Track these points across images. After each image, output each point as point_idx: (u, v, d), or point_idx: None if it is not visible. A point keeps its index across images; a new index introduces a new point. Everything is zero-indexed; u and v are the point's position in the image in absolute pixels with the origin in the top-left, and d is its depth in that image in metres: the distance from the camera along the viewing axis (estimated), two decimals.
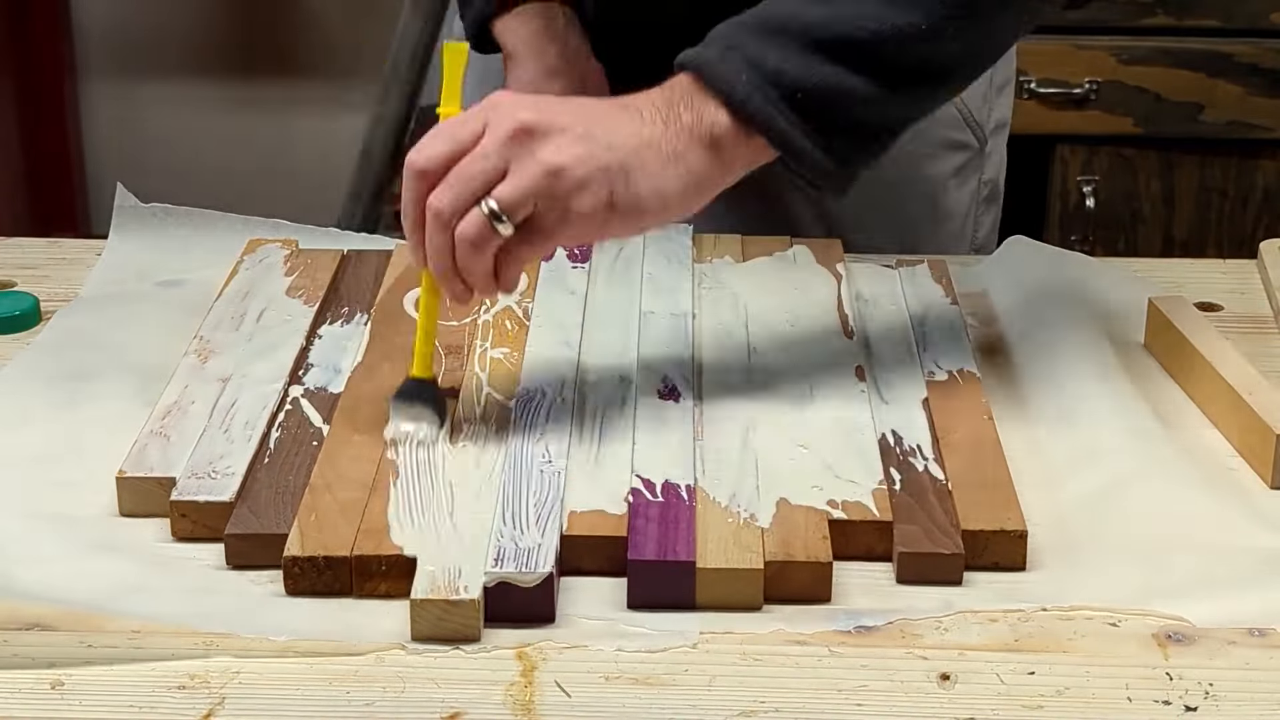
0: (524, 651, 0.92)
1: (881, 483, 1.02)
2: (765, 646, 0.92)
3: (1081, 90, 2.52)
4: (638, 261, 1.28)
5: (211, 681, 0.90)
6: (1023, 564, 0.98)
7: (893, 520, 0.99)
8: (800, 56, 1.03)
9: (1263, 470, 1.07)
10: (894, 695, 0.89)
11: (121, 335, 1.21)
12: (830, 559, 0.96)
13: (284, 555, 0.96)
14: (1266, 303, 1.28)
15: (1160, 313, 1.19)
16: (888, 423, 1.09)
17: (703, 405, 1.10)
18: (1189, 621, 0.94)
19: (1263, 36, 2.52)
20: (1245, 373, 1.11)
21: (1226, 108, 2.53)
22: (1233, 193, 2.59)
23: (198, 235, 1.33)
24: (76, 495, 1.05)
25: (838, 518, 0.99)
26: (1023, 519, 0.99)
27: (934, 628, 0.94)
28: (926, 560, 0.97)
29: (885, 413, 1.10)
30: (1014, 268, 1.30)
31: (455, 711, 0.88)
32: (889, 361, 1.16)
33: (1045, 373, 1.16)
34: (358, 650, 0.92)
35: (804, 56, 1.03)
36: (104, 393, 1.14)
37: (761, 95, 1.03)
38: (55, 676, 0.90)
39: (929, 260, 1.29)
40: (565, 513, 0.99)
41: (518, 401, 1.10)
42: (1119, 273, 1.30)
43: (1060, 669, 0.91)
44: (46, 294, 1.28)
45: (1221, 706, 0.88)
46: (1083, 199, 2.58)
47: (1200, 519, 1.02)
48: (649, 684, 0.90)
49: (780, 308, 1.22)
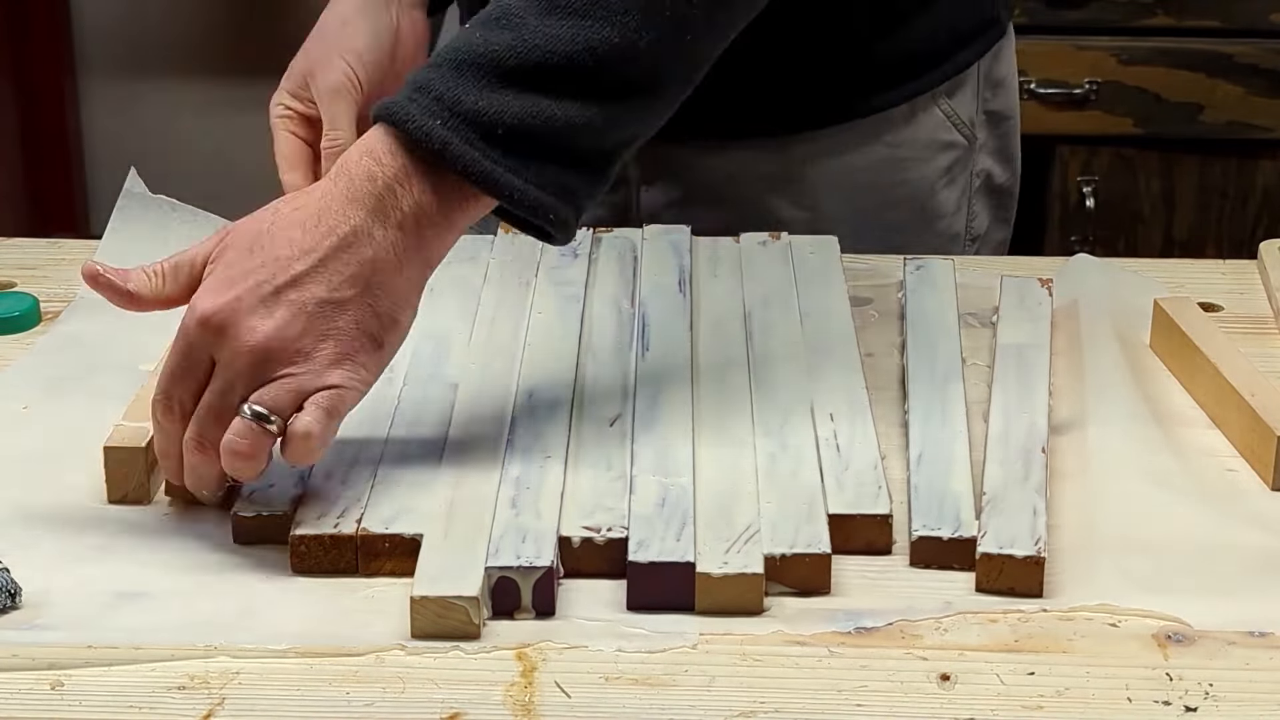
0: (524, 652, 0.92)
1: (882, 487, 1.02)
2: (765, 647, 0.92)
3: (1081, 90, 2.52)
4: (636, 261, 1.28)
5: (211, 681, 0.90)
6: (1039, 590, 0.97)
7: (889, 514, 0.99)
8: (495, 90, 0.98)
9: (1264, 472, 1.07)
10: (894, 695, 0.89)
11: (122, 337, 1.21)
12: (829, 549, 0.96)
13: (290, 534, 0.97)
14: (1266, 303, 1.28)
15: (1165, 314, 1.19)
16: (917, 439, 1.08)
17: (701, 407, 1.10)
18: (1189, 622, 0.94)
19: (1263, 37, 2.52)
20: (1248, 374, 1.11)
21: (1226, 108, 2.53)
22: (1233, 193, 2.59)
23: (198, 235, 1.33)
24: (76, 495, 1.05)
25: (837, 511, 0.99)
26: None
27: (934, 628, 0.94)
28: (940, 546, 0.98)
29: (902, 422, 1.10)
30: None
31: (455, 711, 0.88)
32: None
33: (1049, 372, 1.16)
34: (358, 650, 0.92)
35: (499, 90, 0.98)
36: (104, 394, 1.14)
37: (460, 137, 0.97)
38: (55, 677, 0.90)
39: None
40: (565, 512, 0.99)
41: (518, 396, 1.10)
42: (1128, 273, 1.30)
43: (1060, 669, 0.91)
44: (46, 294, 1.28)
45: (1221, 707, 0.88)
46: (1083, 199, 2.58)
47: (1201, 519, 1.02)
48: (649, 684, 0.90)
49: (788, 305, 1.22)
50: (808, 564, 0.96)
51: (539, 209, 1.00)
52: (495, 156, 0.98)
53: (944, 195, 1.41)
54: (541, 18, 0.98)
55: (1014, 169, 1.47)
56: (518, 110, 0.98)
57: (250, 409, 0.96)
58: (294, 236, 0.98)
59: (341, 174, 0.99)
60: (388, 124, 0.99)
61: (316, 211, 0.98)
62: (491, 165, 0.98)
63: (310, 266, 0.97)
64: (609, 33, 0.98)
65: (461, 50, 0.99)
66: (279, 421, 0.96)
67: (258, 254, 0.98)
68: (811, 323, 1.19)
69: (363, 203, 0.98)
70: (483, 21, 1.00)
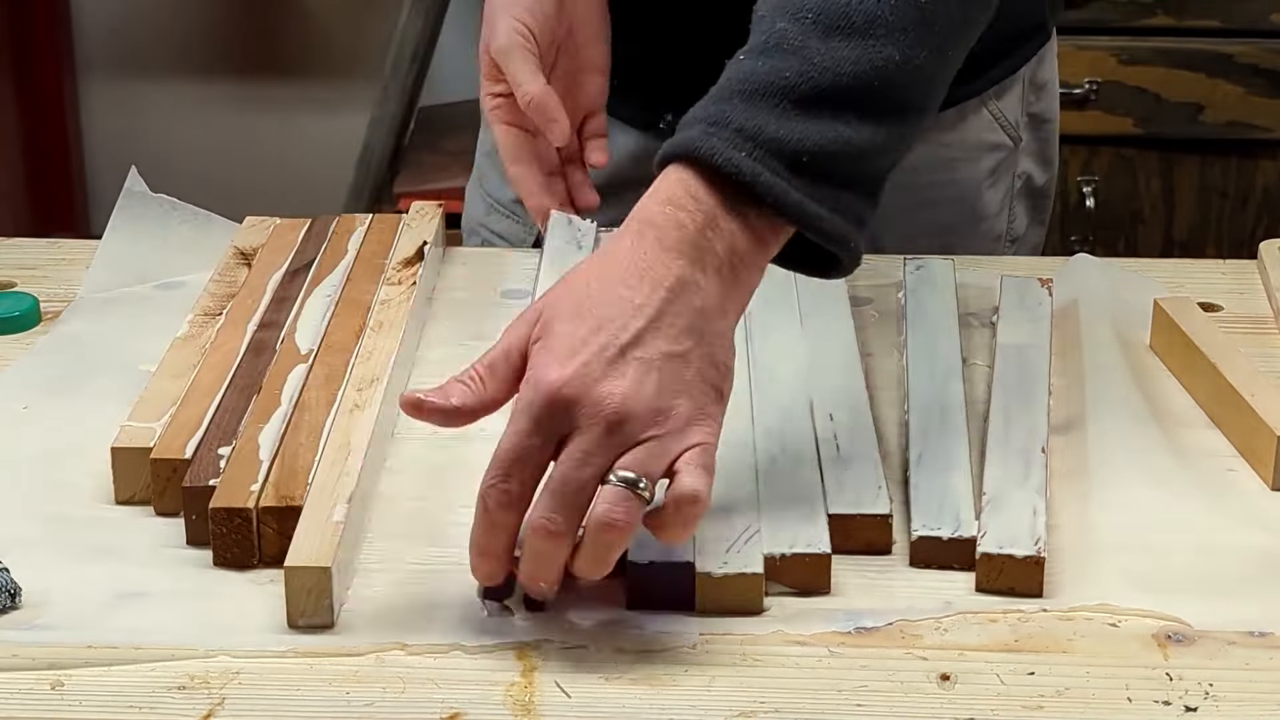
0: (524, 652, 0.92)
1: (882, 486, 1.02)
2: (765, 647, 0.92)
3: (1081, 90, 2.52)
4: None
5: (211, 681, 0.90)
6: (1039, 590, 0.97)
7: (889, 514, 1.00)
8: (792, 118, 0.95)
9: (1263, 472, 1.07)
10: (894, 695, 0.89)
11: (122, 338, 1.21)
12: (829, 550, 0.96)
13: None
14: (1266, 303, 1.27)
15: (1165, 314, 1.19)
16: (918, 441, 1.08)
17: None
18: (1189, 622, 0.94)
19: (1263, 37, 2.52)
20: (1248, 374, 1.11)
21: (1226, 108, 2.53)
22: (1233, 193, 2.59)
23: (198, 235, 1.33)
24: (76, 496, 1.05)
25: (837, 511, 0.99)
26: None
27: (934, 628, 0.94)
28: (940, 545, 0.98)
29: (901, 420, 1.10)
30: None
31: (455, 711, 0.88)
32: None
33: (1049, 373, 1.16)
34: (358, 650, 0.92)
35: (795, 117, 0.95)
36: (104, 394, 1.14)
37: (768, 169, 0.94)
38: (55, 677, 0.90)
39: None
40: None
41: None
42: (1128, 273, 1.30)
43: (1060, 669, 0.91)
44: (46, 294, 1.28)
45: (1221, 707, 0.88)
46: (1083, 199, 2.58)
47: (1200, 520, 1.02)
48: (649, 684, 0.90)
49: (788, 305, 1.22)
50: (808, 564, 0.96)
51: (840, 239, 0.97)
52: (800, 185, 0.94)
53: (989, 196, 1.42)
54: (823, 40, 0.96)
55: (1052, 172, 1.48)
56: (816, 137, 0.95)
57: (618, 475, 0.90)
58: (622, 294, 0.92)
59: (647, 226, 0.94)
60: (686, 162, 0.95)
61: (635, 268, 0.93)
62: (801, 196, 0.94)
63: (647, 322, 0.92)
64: (890, 52, 0.96)
65: (748, 80, 0.96)
66: (650, 487, 0.90)
67: (588, 319, 0.92)
68: (811, 323, 1.19)
69: (680, 251, 0.93)
70: (758, 50, 0.97)
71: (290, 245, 1.29)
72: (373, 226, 1.31)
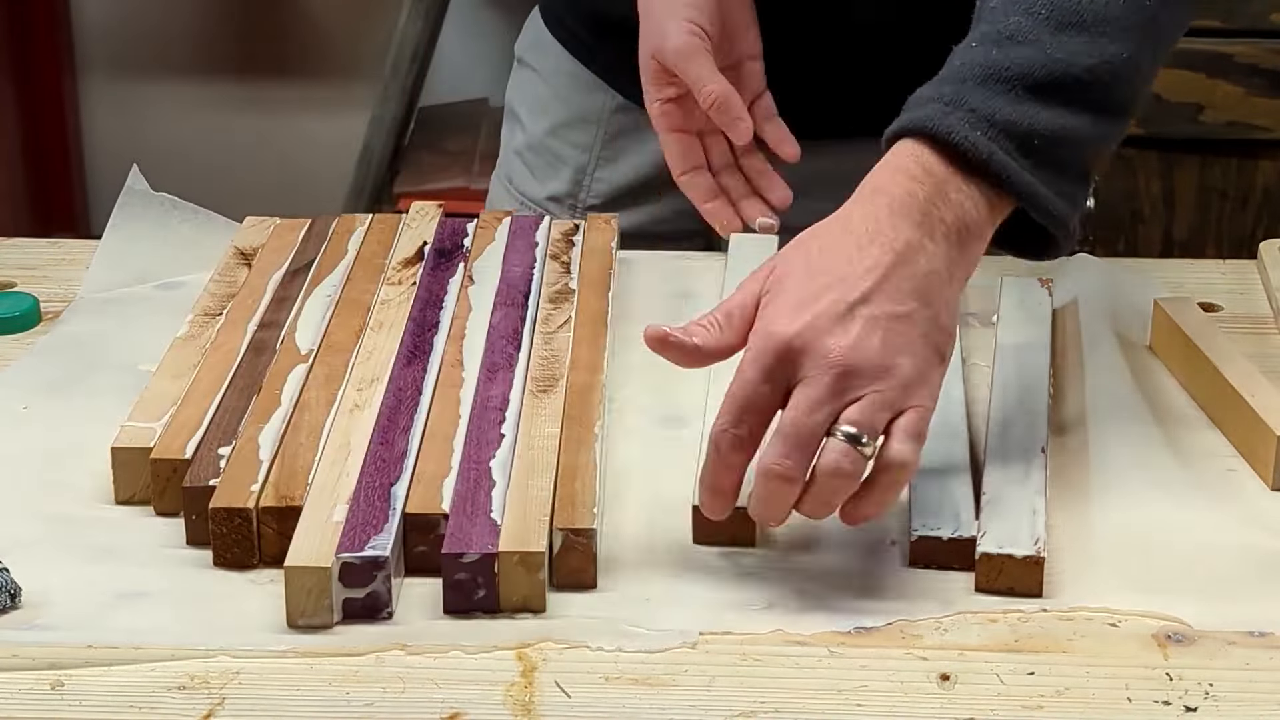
0: (524, 652, 0.92)
1: None
2: (765, 647, 0.92)
3: None
4: None
5: (211, 681, 0.90)
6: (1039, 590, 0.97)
7: None
8: (1024, 103, 1.00)
9: (1263, 472, 1.07)
10: (894, 695, 0.89)
11: (122, 338, 1.21)
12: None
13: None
14: (1266, 303, 1.28)
15: (1165, 314, 1.19)
16: None
17: None
18: (1189, 622, 0.94)
19: (1263, 37, 2.52)
20: (1247, 374, 1.11)
21: (1226, 108, 2.53)
22: (1233, 193, 2.59)
23: (199, 234, 1.33)
24: (76, 496, 1.05)
25: None
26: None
27: (934, 628, 0.94)
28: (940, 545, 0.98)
29: None
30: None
31: (455, 711, 0.88)
32: None
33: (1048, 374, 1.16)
34: (358, 650, 0.92)
35: (1027, 103, 1.00)
36: (104, 394, 1.14)
37: (1000, 148, 0.99)
38: (55, 677, 0.90)
39: None
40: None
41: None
42: (1128, 273, 1.30)
43: (1060, 669, 0.91)
44: (46, 294, 1.28)
45: (1221, 707, 0.88)
46: None
47: (1200, 519, 1.02)
48: (649, 684, 0.90)
49: None
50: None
51: (1062, 220, 1.02)
52: (1028, 167, 1.00)
53: None
54: (1055, 34, 1.01)
55: None
56: (1047, 122, 1.00)
57: (843, 431, 0.94)
58: (852, 254, 0.97)
59: (879, 192, 0.99)
60: (920, 137, 1.00)
61: (866, 231, 0.98)
62: (1030, 177, 1.00)
63: (876, 282, 0.96)
64: (1118, 49, 1.02)
65: (982, 66, 1.01)
66: (872, 443, 0.94)
67: (819, 276, 0.96)
68: None
69: (909, 217, 0.98)
70: (992, 40, 1.02)
71: (290, 245, 1.29)
72: (373, 226, 1.31)
